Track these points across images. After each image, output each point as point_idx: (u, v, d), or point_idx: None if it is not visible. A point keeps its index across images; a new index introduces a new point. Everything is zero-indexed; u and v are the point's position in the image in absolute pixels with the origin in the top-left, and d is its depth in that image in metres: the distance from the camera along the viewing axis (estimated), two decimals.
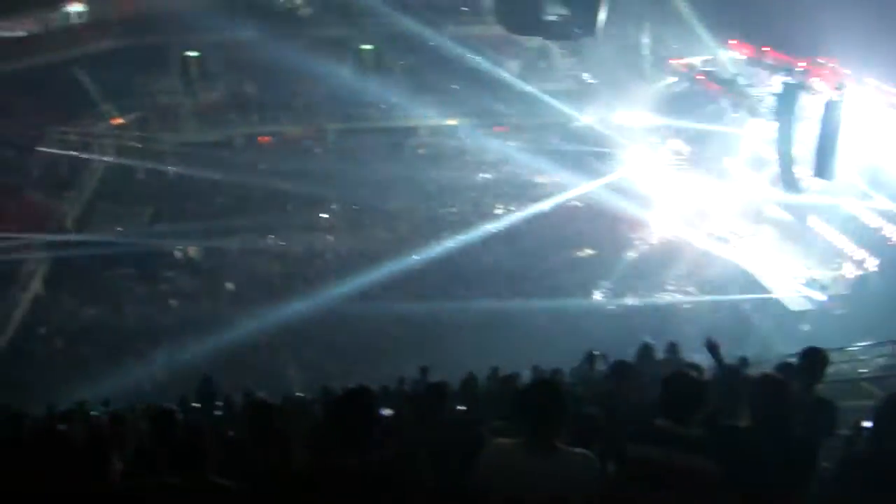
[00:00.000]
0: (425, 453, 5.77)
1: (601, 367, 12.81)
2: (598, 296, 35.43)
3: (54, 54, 44.36)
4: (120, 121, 46.67)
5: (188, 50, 49.60)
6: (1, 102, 40.41)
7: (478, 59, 48.87)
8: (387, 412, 6.67)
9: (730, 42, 40.07)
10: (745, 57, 39.27)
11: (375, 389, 7.77)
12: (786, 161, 33.02)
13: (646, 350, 13.16)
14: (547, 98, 49.00)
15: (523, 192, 45.12)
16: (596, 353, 13.25)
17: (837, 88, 31.05)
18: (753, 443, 5.37)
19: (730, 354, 13.78)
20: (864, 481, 5.41)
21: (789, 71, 34.65)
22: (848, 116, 30.75)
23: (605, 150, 46.85)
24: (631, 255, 38.07)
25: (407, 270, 36.44)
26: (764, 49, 37.87)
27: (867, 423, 6.22)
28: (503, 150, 48.99)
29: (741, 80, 38.09)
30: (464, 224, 40.94)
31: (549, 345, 28.12)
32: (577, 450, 4.83)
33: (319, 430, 8.03)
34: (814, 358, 6.75)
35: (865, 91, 32.20)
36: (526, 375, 13.69)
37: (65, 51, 44.93)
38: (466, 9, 50.77)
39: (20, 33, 45.54)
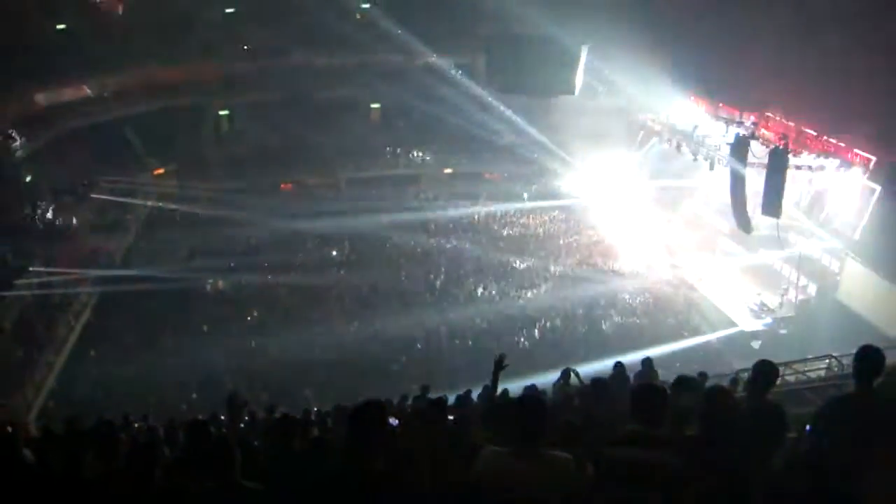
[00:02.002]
0: (428, 459, 5.80)
1: (575, 381, 12.88)
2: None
3: (107, 114, 44.73)
4: (161, 171, 46.94)
5: (220, 110, 49.97)
6: (62, 155, 40.72)
7: (471, 115, 49.18)
8: (394, 422, 6.68)
9: (689, 98, 40.25)
10: (702, 111, 39.44)
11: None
12: (739, 201, 33.13)
13: (618, 367, 13.29)
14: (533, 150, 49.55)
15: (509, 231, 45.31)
16: (570, 370, 13.29)
17: (782, 138, 31.25)
18: (703, 448, 5.40)
19: (691, 370, 13.82)
20: (807, 476, 5.45)
21: (741, 123, 34.83)
22: (791, 162, 30.95)
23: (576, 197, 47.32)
24: (605, 286, 38.08)
25: (409, 300, 36.73)
26: (719, 104, 38.05)
27: (809, 427, 6.26)
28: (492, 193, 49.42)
29: (699, 132, 38.25)
30: (461, 258, 41.24)
31: (537, 360, 28.21)
32: (559, 453, 4.88)
33: (333, 439, 8.06)
34: (762, 369, 6.78)
35: (806, 140, 32.44)
36: (513, 391, 13.73)
37: (115, 111, 45.27)
38: (461, 72, 50.99)
39: (81, 96, 45.92)
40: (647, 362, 14.42)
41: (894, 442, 5.65)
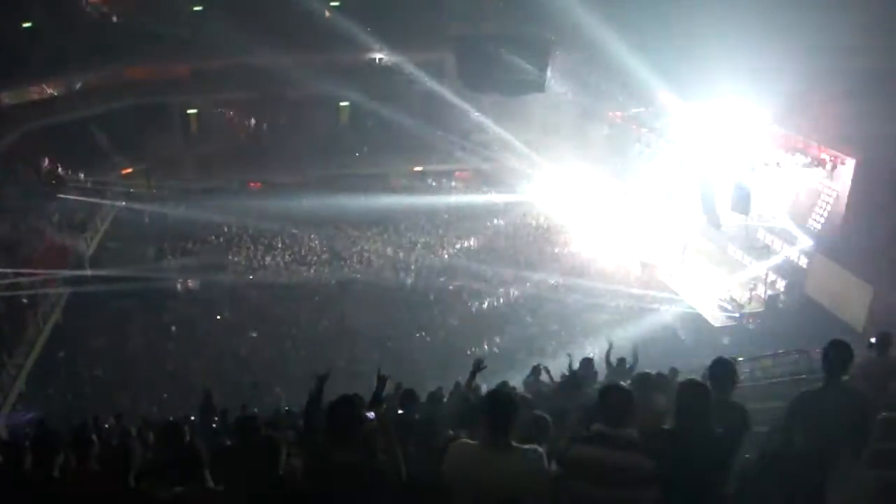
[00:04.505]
0: (401, 452, 5.82)
1: (544, 377, 12.94)
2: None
3: (74, 113, 44.47)
4: (129, 170, 46.69)
5: (188, 108, 49.74)
6: (29, 154, 40.47)
7: (441, 114, 49.23)
8: (371, 415, 6.71)
9: (659, 94, 40.45)
10: (671, 108, 39.66)
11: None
12: (708, 198, 33.36)
13: (587, 363, 13.33)
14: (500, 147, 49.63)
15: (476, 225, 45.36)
16: (540, 366, 13.36)
17: (751, 136, 31.55)
18: (679, 441, 5.44)
19: (662, 365, 13.90)
20: (777, 469, 5.51)
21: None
22: (760, 159, 31.26)
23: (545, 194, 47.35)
24: (573, 280, 38.09)
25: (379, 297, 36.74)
26: (688, 101, 38.27)
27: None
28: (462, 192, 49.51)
29: (669, 128, 38.43)
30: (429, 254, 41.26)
31: (505, 356, 28.27)
32: (528, 446, 4.93)
33: (305, 437, 8.05)
34: (719, 366, 6.81)
35: (775, 137, 32.76)
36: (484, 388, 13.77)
37: (83, 110, 45.00)
38: (430, 70, 50.96)
39: (47, 95, 45.68)
40: (621, 361, 14.43)
41: (862, 435, 5.72)
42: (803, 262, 33.35)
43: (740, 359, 17.35)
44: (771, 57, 31.70)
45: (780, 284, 34.10)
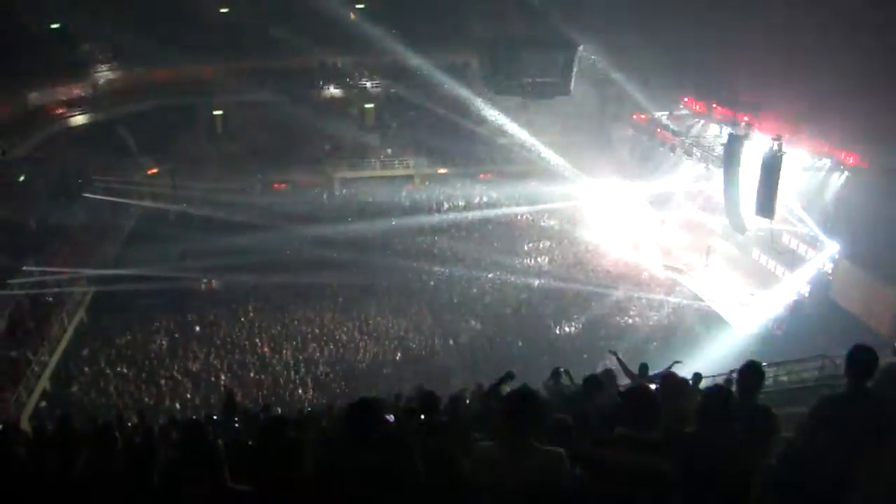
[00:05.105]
0: (420, 453, 5.82)
1: (566, 381, 12.86)
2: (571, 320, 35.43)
3: (100, 113, 44.74)
4: (154, 170, 46.90)
5: (214, 109, 49.88)
6: (56, 155, 40.68)
7: (466, 116, 49.22)
8: (391, 418, 6.72)
9: (684, 99, 40.34)
10: (697, 112, 39.59)
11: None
12: (732, 202, 33.19)
13: (607, 372, 13.25)
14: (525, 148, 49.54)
15: (502, 231, 45.37)
16: (561, 369, 13.28)
17: (776, 139, 31.31)
18: (702, 445, 5.41)
19: (686, 371, 13.83)
20: (800, 474, 5.48)
21: (735, 124, 34.89)
22: (785, 163, 31.06)
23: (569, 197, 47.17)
24: (598, 285, 37.94)
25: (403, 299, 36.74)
26: (713, 105, 38.17)
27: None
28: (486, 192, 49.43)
29: (693, 133, 38.33)
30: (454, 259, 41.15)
31: (530, 360, 28.15)
32: (549, 448, 4.90)
33: (327, 437, 8.06)
34: (749, 370, 6.78)
35: (800, 140, 32.55)
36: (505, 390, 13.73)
37: (109, 110, 45.26)
38: (455, 72, 50.96)
39: (73, 95, 45.95)
40: (643, 367, 14.37)
41: (886, 441, 5.68)
42: (829, 267, 33.16)
43: (765, 363, 17.24)
44: (796, 59, 31.56)
45: (806, 289, 33.92)
